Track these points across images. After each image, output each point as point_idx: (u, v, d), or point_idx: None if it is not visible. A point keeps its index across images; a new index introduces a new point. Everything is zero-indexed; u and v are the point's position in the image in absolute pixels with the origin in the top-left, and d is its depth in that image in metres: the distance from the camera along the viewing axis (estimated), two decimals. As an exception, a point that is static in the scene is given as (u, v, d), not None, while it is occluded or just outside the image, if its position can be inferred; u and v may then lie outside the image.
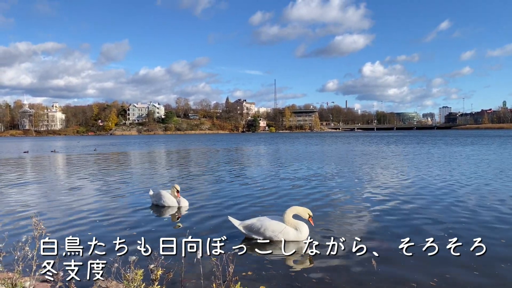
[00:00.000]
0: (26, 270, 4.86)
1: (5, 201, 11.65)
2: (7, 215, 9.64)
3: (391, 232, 7.57)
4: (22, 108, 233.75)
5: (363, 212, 9.38)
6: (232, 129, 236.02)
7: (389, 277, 5.30)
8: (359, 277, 5.29)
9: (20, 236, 7.31)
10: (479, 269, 5.56)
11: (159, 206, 10.13)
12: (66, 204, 10.89)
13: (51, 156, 34.87)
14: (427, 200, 10.74)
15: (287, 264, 5.88)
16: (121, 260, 4.05)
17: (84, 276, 5.34)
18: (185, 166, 22.69)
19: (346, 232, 7.56)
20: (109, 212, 9.61)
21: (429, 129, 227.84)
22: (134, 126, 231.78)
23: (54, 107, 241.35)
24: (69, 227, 8.22)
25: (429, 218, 8.63)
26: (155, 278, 4.17)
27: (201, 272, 4.50)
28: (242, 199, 11.39)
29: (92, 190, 13.64)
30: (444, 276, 5.28)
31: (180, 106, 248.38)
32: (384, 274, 5.39)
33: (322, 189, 12.97)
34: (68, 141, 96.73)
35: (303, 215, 6.83)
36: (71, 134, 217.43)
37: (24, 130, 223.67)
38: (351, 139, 73.38)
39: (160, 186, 13.62)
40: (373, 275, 5.34)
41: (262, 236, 6.92)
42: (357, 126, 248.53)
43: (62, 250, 6.58)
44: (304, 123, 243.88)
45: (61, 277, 4.10)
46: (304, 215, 6.83)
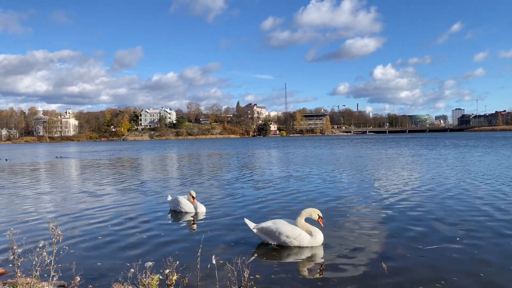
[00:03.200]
0: (44, 276, 4.92)
1: (23, 206, 11.81)
2: (25, 220, 9.77)
3: (401, 234, 7.52)
4: (36, 114, 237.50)
5: (375, 214, 9.32)
6: (243, 133, 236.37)
7: (399, 279, 5.28)
8: (369, 280, 5.27)
9: (37, 242, 7.42)
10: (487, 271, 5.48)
11: (177, 211, 10.18)
12: (85, 210, 10.99)
13: (61, 162, 35.30)
14: (439, 202, 10.61)
15: (298, 269, 5.87)
16: (138, 265, 4.07)
17: (101, 281, 5.40)
18: (199, 171, 22.76)
19: (357, 235, 7.54)
20: (128, 218, 9.66)
21: (442, 131, 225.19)
22: (146, 132, 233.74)
23: (68, 113, 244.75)
24: (88, 233, 8.30)
25: (441, 220, 8.54)
26: (170, 283, 4.17)
27: (216, 277, 4.50)
28: (256, 203, 11.40)
29: (111, 195, 13.76)
30: (452, 279, 5.25)
31: (191, 111, 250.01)
32: (394, 276, 5.38)
33: (334, 191, 12.90)
34: (82, 147, 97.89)
35: (313, 216, 6.83)
36: (84, 140, 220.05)
37: (38, 136, 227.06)
38: (364, 142, 72.98)
39: (177, 191, 13.68)
40: (383, 278, 5.33)
41: (277, 241, 6.90)
42: (369, 129, 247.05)
43: (79, 255, 6.68)
44: (315, 126, 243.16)
45: (78, 282, 4.13)
46: (314, 216, 6.82)
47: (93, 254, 6.76)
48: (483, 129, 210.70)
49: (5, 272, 5.95)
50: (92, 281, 5.25)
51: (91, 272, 5.74)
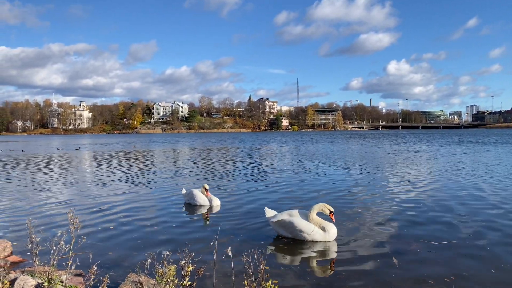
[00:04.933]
0: (62, 264, 4.98)
1: (42, 196, 11.98)
2: (45, 210, 9.92)
3: (413, 229, 7.48)
4: (51, 107, 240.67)
5: (386, 209, 9.26)
6: (254, 127, 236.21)
7: (410, 274, 5.27)
8: (381, 275, 5.26)
9: (51, 230, 7.52)
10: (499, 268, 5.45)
11: (191, 205, 10.20)
12: (100, 200, 11.12)
13: (80, 154, 35.72)
14: (453, 198, 10.48)
15: (310, 262, 5.88)
16: (155, 256, 4.08)
17: (117, 271, 5.45)
18: (212, 165, 22.84)
19: (368, 229, 7.53)
20: (144, 211, 9.73)
21: (456, 127, 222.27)
22: (159, 125, 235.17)
23: (82, 106, 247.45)
24: (104, 223, 8.40)
25: (454, 216, 8.45)
26: (186, 274, 4.18)
27: (232, 269, 4.50)
28: (269, 196, 11.42)
29: (127, 187, 13.87)
30: (462, 274, 5.24)
31: (203, 105, 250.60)
32: (405, 271, 5.38)
33: (345, 186, 12.82)
34: (96, 139, 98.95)
35: (325, 211, 6.82)
36: (97, 132, 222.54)
37: (52, 128, 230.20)
38: (378, 138, 72.42)
39: (191, 185, 13.73)
40: (394, 272, 5.34)
41: (292, 234, 6.95)
42: (382, 124, 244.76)
43: (95, 245, 6.75)
44: (327, 121, 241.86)
45: (95, 271, 4.16)
46: (325, 211, 6.81)
47: (106, 244, 6.83)
48: (498, 126, 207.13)
49: (22, 261, 6.04)
50: (108, 270, 5.29)
51: (105, 261, 5.80)
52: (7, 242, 6.44)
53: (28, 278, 4.43)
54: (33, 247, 4.61)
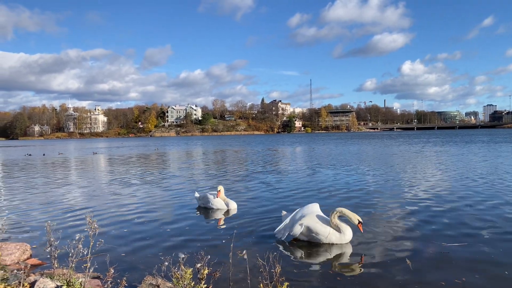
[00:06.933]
0: (80, 267, 5.06)
1: (61, 199, 12.18)
2: (64, 213, 10.07)
3: (426, 231, 7.42)
4: (67, 111, 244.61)
5: (399, 210, 9.18)
6: (268, 129, 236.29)
7: (422, 276, 5.25)
8: (394, 276, 5.24)
9: (73, 234, 7.63)
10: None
11: (207, 208, 10.17)
12: (118, 205, 11.20)
13: (97, 157, 36.19)
14: (467, 200, 10.34)
15: (323, 265, 5.85)
16: (172, 259, 4.11)
17: (134, 273, 5.51)
18: (228, 167, 22.88)
19: (381, 231, 7.48)
20: (159, 213, 9.79)
21: (473, 128, 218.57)
22: (173, 128, 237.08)
23: (97, 110, 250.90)
24: (120, 225, 8.49)
25: (468, 218, 8.33)
26: (201, 277, 4.20)
27: (248, 272, 4.51)
28: (286, 198, 11.38)
29: (144, 189, 14.01)
30: (474, 276, 5.19)
31: (216, 107, 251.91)
32: (418, 272, 5.37)
33: (361, 187, 12.71)
34: (111, 142, 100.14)
35: (353, 220, 6.74)
36: (112, 136, 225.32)
37: (68, 132, 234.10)
38: (394, 139, 71.71)
39: (207, 187, 13.79)
40: (407, 274, 5.33)
41: (307, 237, 6.92)
42: (396, 125, 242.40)
43: (112, 247, 6.83)
44: (340, 123, 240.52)
45: (112, 274, 4.22)
46: (354, 221, 6.73)
47: (122, 247, 6.90)
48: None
49: (41, 263, 6.15)
50: (125, 273, 5.34)
51: (121, 264, 5.85)
52: (27, 245, 6.57)
53: (48, 281, 4.51)
54: (52, 250, 4.69)
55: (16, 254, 6.20)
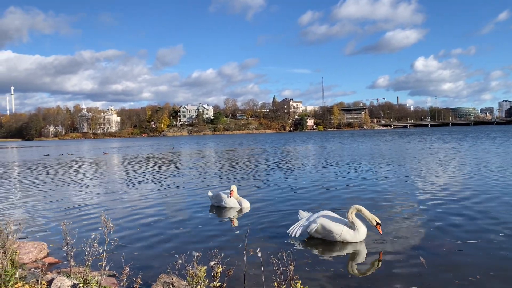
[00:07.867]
0: (96, 265, 5.12)
1: (76, 199, 12.35)
2: (80, 212, 10.22)
3: (440, 228, 7.34)
4: (81, 112, 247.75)
5: (413, 208, 9.10)
6: (279, 128, 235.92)
7: (436, 274, 5.21)
8: (408, 275, 5.20)
9: (89, 232, 7.73)
10: None
11: (220, 207, 10.19)
12: (132, 204, 11.30)
13: (110, 157, 36.59)
14: (482, 197, 10.23)
15: (337, 264, 5.81)
16: (186, 257, 4.14)
17: (148, 271, 5.56)
18: (240, 166, 22.93)
19: (395, 228, 7.43)
20: (173, 212, 9.87)
21: (488, 124, 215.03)
22: (185, 127, 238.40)
23: (110, 110, 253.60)
24: (134, 224, 8.58)
25: (482, 215, 8.22)
26: (215, 275, 4.22)
27: (262, 270, 4.51)
28: (299, 197, 11.35)
29: (157, 188, 14.15)
30: (488, 273, 5.14)
31: (228, 106, 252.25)
32: (432, 270, 5.33)
33: (375, 184, 12.61)
34: (125, 142, 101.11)
35: (371, 221, 6.70)
36: (125, 136, 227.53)
37: (82, 132, 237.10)
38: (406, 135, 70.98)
39: (220, 186, 13.83)
40: (421, 271, 5.29)
41: (321, 235, 6.92)
42: (410, 122, 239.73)
43: (126, 246, 6.90)
44: (353, 120, 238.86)
45: (127, 272, 4.26)
46: (372, 222, 6.70)
47: (137, 245, 6.97)
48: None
49: (58, 262, 6.24)
50: (139, 271, 5.39)
51: (136, 262, 5.90)
52: (44, 244, 6.68)
53: (65, 279, 4.57)
54: (68, 248, 4.75)
55: (33, 253, 6.31)
